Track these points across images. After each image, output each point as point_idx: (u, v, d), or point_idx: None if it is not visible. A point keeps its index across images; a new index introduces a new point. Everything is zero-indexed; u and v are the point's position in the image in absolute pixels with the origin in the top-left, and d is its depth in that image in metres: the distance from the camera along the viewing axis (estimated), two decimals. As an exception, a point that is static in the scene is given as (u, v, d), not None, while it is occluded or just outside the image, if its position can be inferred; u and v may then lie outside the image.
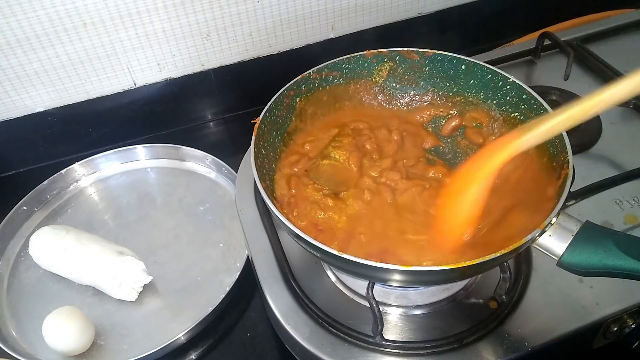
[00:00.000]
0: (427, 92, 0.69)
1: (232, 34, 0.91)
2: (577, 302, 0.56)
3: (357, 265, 0.46)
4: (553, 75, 0.83)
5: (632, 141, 0.74)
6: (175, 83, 0.94)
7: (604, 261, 0.46)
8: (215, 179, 0.89)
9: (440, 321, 0.56)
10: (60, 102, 0.89)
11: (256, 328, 0.70)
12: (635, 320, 0.56)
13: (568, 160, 0.52)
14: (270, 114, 0.61)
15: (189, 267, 0.76)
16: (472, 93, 0.66)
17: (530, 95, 0.60)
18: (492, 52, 0.92)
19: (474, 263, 0.44)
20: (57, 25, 0.80)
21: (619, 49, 0.90)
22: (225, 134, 1.00)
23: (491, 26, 1.05)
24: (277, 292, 0.59)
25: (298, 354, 0.57)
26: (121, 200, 0.87)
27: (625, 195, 0.66)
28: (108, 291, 0.71)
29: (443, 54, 0.66)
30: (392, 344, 0.53)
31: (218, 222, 0.82)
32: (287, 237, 0.56)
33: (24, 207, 0.84)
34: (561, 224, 0.48)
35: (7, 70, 0.82)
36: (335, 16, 0.95)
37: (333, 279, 0.61)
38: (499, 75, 0.63)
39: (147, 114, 0.96)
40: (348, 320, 0.56)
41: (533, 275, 0.58)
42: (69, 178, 0.89)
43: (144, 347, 0.65)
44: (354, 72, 0.68)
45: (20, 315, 0.72)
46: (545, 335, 0.53)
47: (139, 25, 0.85)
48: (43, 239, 0.74)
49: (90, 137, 0.94)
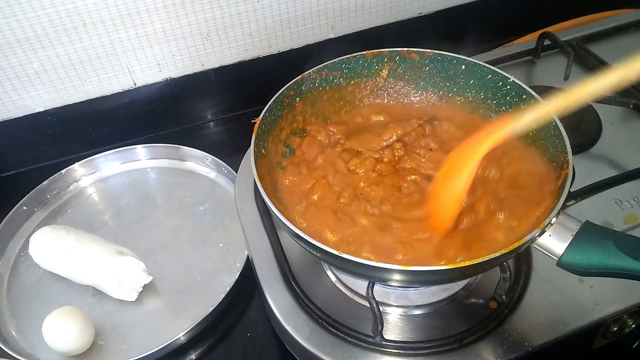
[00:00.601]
0: (427, 92, 0.69)
1: (232, 34, 0.91)
2: (577, 302, 0.56)
3: (357, 265, 0.46)
4: (553, 75, 0.83)
5: (632, 141, 0.74)
6: (175, 83, 0.94)
7: (604, 261, 0.46)
8: (215, 179, 0.89)
9: (440, 321, 0.56)
10: (60, 102, 0.89)
11: (256, 328, 0.70)
12: (635, 320, 0.56)
13: (568, 160, 0.52)
14: (270, 114, 0.61)
15: (189, 267, 0.76)
16: (472, 93, 0.66)
17: (530, 95, 0.60)
18: (492, 52, 0.93)
19: (474, 263, 0.44)
20: (57, 25, 0.80)
21: (619, 49, 0.90)
22: (225, 134, 1.00)
23: (491, 26, 1.05)
24: (277, 292, 0.59)
25: (298, 354, 0.57)
26: (121, 200, 0.87)
27: (625, 195, 0.66)
28: (108, 291, 0.71)
29: (443, 54, 0.66)
30: (392, 344, 0.53)
31: (218, 222, 0.82)
32: (287, 237, 0.56)
33: (24, 207, 0.84)
34: (561, 224, 0.48)
35: (7, 70, 0.82)
36: (335, 16, 0.95)
37: (333, 279, 0.61)
38: (499, 75, 0.63)
39: (147, 114, 0.96)
40: (348, 320, 0.56)
41: (533, 275, 0.58)
42: (69, 178, 0.89)
43: (144, 347, 0.65)
44: (354, 72, 0.68)
45: (20, 315, 0.72)
46: (545, 335, 0.53)
47: (139, 25, 0.85)
48: (43, 239, 0.74)
49: (90, 137, 0.94)
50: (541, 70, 0.88)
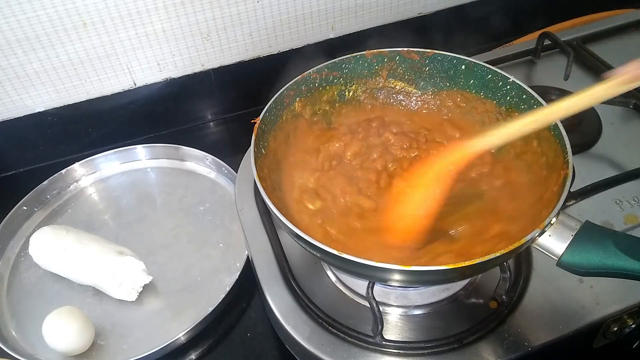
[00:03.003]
0: (427, 92, 0.69)
1: (232, 34, 0.91)
2: (577, 302, 0.56)
3: (357, 265, 0.46)
4: (553, 75, 0.83)
5: (632, 141, 0.74)
6: (175, 83, 0.94)
7: (604, 261, 0.46)
8: (215, 179, 0.89)
9: (440, 321, 0.56)
10: (60, 102, 0.89)
11: (256, 328, 0.70)
12: (635, 320, 0.56)
13: (568, 160, 0.52)
14: (270, 114, 0.61)
15: (189, 267, 0.76)
16: (472, 93, 0.66)
17: (530, 95, 0.60)
18: (492, 52, 0.93)
19: (474, 263, 0.44)
20: (57, 25, 0.80)
21: (619, 49, 0.90)
22: (225, 134, 1.00)
23: (491, 26, 1.05)
24: (277, 292, 0.59)
25: (298, 354, 0.57)
26: (121, 200, 0.87)
27: (625, 195, 0.66)
28: (108, 291, 0.71)
29: (443, 54, 0.66)
30: (392, 344, 0.53)
31: (218, 222, 0.82)
32: (287, 237, 0.56)
33: (24, 207, 0.84)
34: (561, 224, 0.48)
35: (7, 70, 0.82)
36: (335, 16, 0.95)
37: (333, 279, 0.61)
38: (499, 75, 0.63)
39: (147, 114, 0.96)
40: (348, 320, 0.56)
41: (533, 275, 0.58)
42: (69, 178, 0.89)
43: (144, 347, 0.65)
44: (354, 72, 0.68)
45: (20, 315, 0.72)
46: (545, 335, 0.53)
47: (139, 25, 0.85)
48: (43, 239, 0.74)
49: (90, 137, 0.94)
50: (541, 70, 0.88)
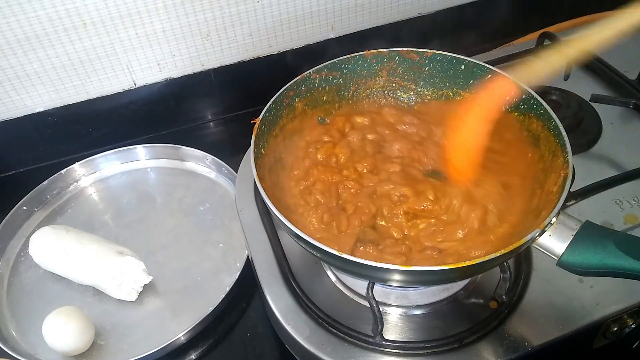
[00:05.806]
0: (426, 92, 0.69)
1: (232, 34, 0.91)
2: (577, 302, 0.56)
3: (357, 265, 0.46)
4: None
5: (632, 141, 0.74)
6: (175, 83, 0.94)
7: (604, 261, 0.46)
8: (215, 179, 0.89)
9: (440, 321, 0.56)
10: (60, 102, 0.89)
11: (256, 328, 0.70)
12: (635, 320, 0.56)
13: (568, 160, 0.52)
14: (270, 114, 0.61)
15: (189, 267, 0.76)
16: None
17: (530, 95, 0.60)
18: (492, 52, 0.92)
19: (474, 263, 0.44)
20: (57, 25, 0.80)
21: (619, 49, 0.90)
22: (225, 134, 1.00)
23: (491, 26, 1.05)
24: (277, 292, 0.59)
25: (298, 354, 0.57)
26: (121, 200, 0.87)
27: (625, 195, 0.66)
28: (108, 291, 0.71)
29: (443, 54, 0.66)
30: (392, 344, 0.53)
31: (218, 222, 0.82)
32: (287, 237, 0.56)
33: (24, 207, 0.84)
34: (561, 224, 0.48)
35: (7, 70, 0.82)
36: (335, 16, 0.95)
37: (333, 279, 0.61)
38: (498, 75, 0.63)
39: (147, 114, 0.96)
40: (348, 320, 0.56)
41: (533, 275, 0.58)
42: (69, 178, 0.89)
43: (144, 347, 0.65)
44: (353, 72, 0.68)
45: (20, 315, 0.72)
46: (545, 335, 0.53)
47: (139, 25, 0.85)
48: (43, 239, 0.74)
49: (90, 137, 0.94)
50: (541, 71, 0.88)
